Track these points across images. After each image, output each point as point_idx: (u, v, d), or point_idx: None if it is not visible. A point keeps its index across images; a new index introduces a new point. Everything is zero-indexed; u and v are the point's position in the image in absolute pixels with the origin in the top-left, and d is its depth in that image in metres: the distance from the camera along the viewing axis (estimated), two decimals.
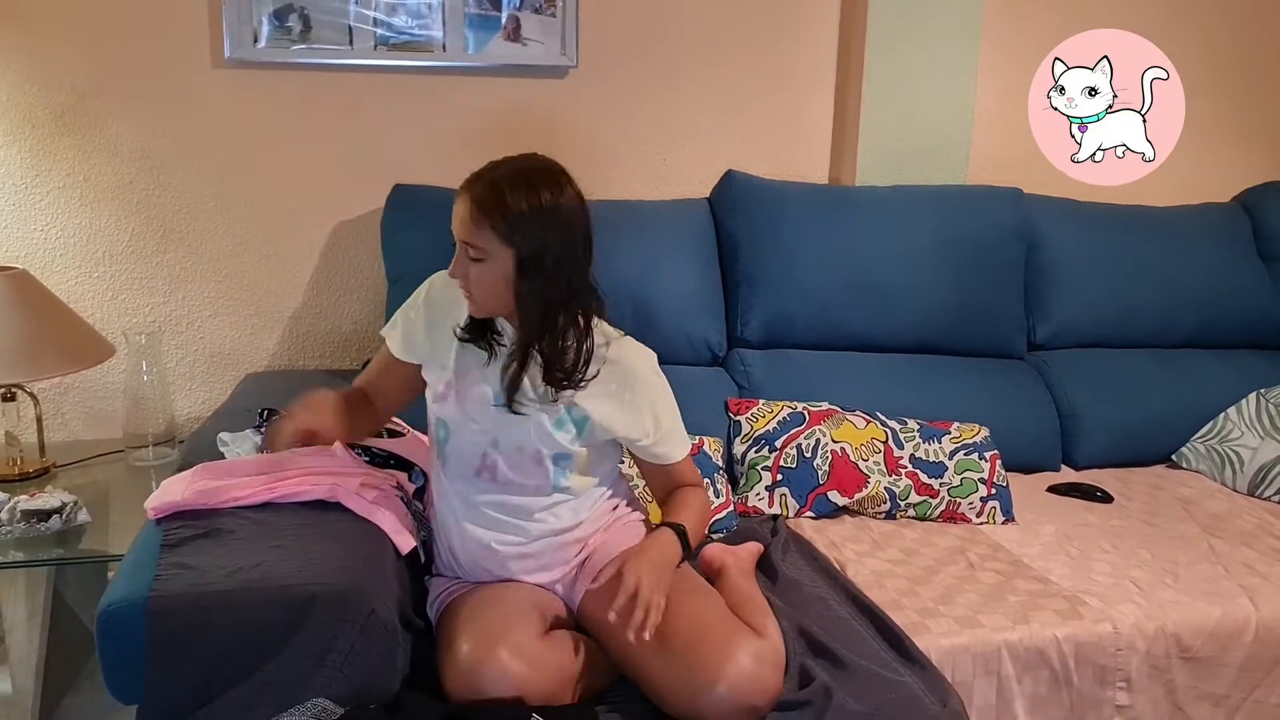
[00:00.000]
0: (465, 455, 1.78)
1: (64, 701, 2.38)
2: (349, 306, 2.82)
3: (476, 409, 1.76)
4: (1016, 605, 2.02)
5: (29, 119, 2.55)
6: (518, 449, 1.76)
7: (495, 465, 1.78)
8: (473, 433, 1.77)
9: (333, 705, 1.47)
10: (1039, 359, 2.90)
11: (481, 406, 1.76)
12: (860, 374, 2.69)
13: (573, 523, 1.83)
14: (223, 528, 1.67)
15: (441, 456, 1.81)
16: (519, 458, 1.77)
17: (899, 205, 2.81)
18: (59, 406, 2.68)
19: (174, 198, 2.67)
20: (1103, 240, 2.90)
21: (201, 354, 2.76)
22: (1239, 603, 2.08)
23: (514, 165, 1.70)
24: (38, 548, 2.07)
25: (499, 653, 1.56)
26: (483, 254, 1.66)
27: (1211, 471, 2.77)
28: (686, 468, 1.91)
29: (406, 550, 1.71)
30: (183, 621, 1.46)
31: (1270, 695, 2.07)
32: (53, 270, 2.61)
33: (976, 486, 2.43)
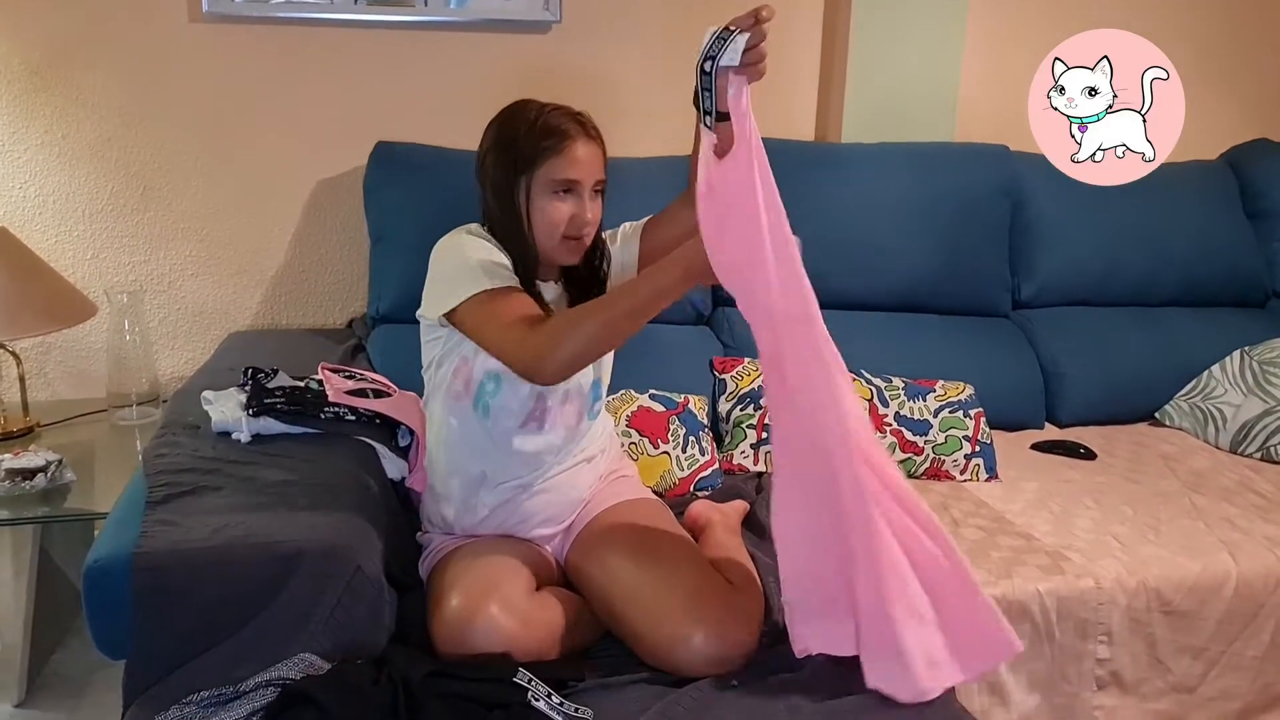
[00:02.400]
0: (513, 406, 1.78)
1: (53, 657, 2.39)
2: (332, 265, 2.80)
3: None
4: (1000, 561, 2.04)
5: (4, 75, 2.51)
6: (564, 394, 1.80)
7: (545, 410, 1.80)
8: (522, 386, 1.76)
9: (319, 660, 1.47)
10: (1023, 317, 2.91)
11: None
12: (845, 332, 2.62)
13: (596, 450, 1.91)
14: (207, 485, 1.67)
15: (484, 410, 1.79)
16: (566, 398, 1.81)
17: (885, 162, 2.80)
18: (41, 366, 2.66)
19: (153, 155, 2.64)
20: (1089, 198, 2.88)
21: (184, 313, 2.74)
22: (1219, 558, 2.10)
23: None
24: (23, 506, 2.07)
25: (489, 608, 1.57)
26: (604, 187, 1.78)
27: (1194, 429, 2.79)
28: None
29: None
30: (168, 578, 1.46)
31: (1248, 647, 2.10)
32: (32, 229, 2.59)
33: (961, 444, 2.45)
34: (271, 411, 1.89)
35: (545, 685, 1.48)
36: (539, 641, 1.61)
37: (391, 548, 1.70)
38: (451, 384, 1.80)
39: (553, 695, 1.46)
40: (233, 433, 1.87)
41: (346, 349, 2.49)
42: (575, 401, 1.84)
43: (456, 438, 1.83)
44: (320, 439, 1.90)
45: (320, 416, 1.93)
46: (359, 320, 2.73)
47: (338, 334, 2.71)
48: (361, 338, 2.59)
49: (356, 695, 1.38)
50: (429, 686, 1.43)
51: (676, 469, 2.27)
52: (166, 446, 1.83)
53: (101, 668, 2.28)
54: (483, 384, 1.78)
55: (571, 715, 1.45)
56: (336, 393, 2.00)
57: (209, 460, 1.76)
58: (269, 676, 1.42)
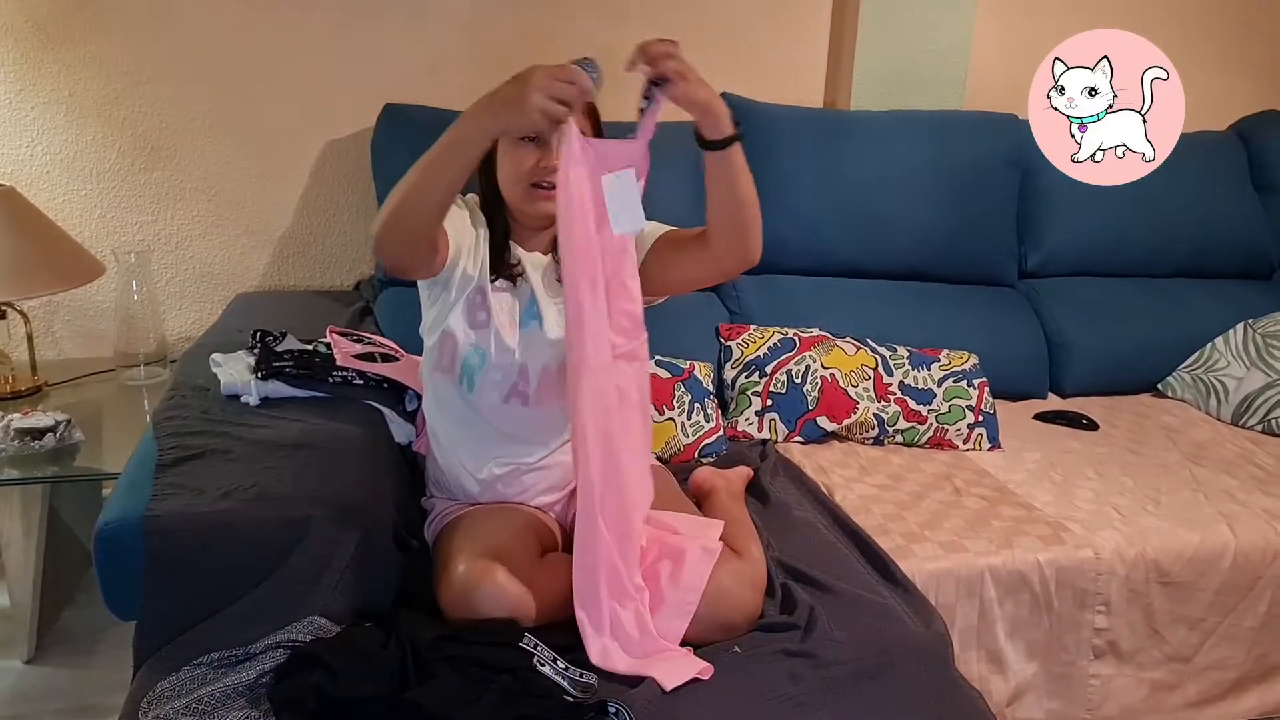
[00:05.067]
0: (496, 381, 1.77)
1: (62, 615, 2.42)
2: (339, 227, 2.80)
3: (511, 334, 1.75)
4: (1000, 530, 2.05)
5: (10, 32, 2.50)
6: (544, 368, 1.77)
7: (527, 387, 1.77)
8: (506, 358, 1.75)
9: (328, 622, 1.49)
10: (1029, 286, 2.91)
11: (513, 330, 1.76)
12: (851, 300, 2.70)
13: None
14: (217, 448, 1.69)
15: (469, 383, 1.78)
16: (548, 374, 1.77)
17: (894, 130, 2.79)
18: (49, 325, 2.67)
19: (161, 114, 2.63)
20: None
21: (191, 273, 2.75)
22: (1218, 529, 2.12)
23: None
24: (32, 465, 2.08)
25: (495, 573, 1.58)
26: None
27: (1197, 400, 2.80)
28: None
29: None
30: (179, 541, 1.48)
31: (1244, 619, 2.12)
32: (40, 188, 2.59)
33: (964, 413, 2.46)
34: (280, 375, 1.91)
35: (550, 650, 1.50)
36: (545, 606, 1.62)
37: (400, 512, 1.72)
38: (439, 359, 1.79)
39: (558, 660, 1.49)
40: (241, 395, 1.88)
41: (354, 311, 2.50)
42: (559, 378, 1.77)
43: (447, 411, 1.83)
44: (328, 403, 1.91)
45: (329, 380, 1.94)
46: (366, 283, 2.74)
47: (345, 296, 2.72)
48: (369, 300, 2.59)
49: (365, 658, 1.40)
50: (436, 650, 1.45)
51: (681, 435, 2.28)
52: (176, 409, 1.84)
53: (110, 625, 2.31)
54: (468, 357, 1.76)
55: (576, 680, 1.47)
56: (344, 356, 2.01)
57: (218, 423, 1.78)
58: (279, 639, 1.44)
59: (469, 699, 1.37)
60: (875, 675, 1.54)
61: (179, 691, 1.38)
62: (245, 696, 1.38)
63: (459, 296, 1.73)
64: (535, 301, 1.76)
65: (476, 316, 1.75)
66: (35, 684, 2.21)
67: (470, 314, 1.75)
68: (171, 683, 1.39)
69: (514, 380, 1.77)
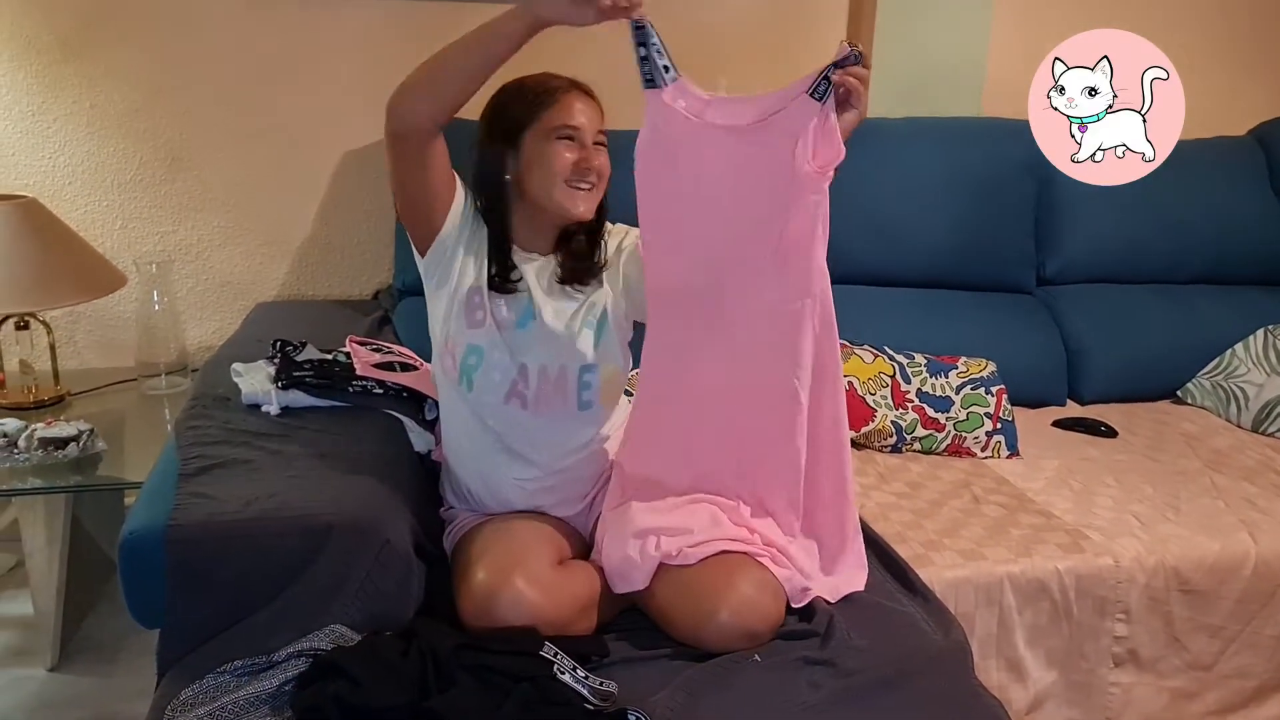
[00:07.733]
0: (495, 381, 1.77)
1: (85, 623, 2.44)
2: (358, 236, 2.81)
3: (508, 333, 1.76)
4: (1019, 538, 2.05)
5: (33, 45, 2.53)
6: (542, 369, 1.76)
7: (525, 389, 1.77)
8: (503, 357, 1.76)
9: (350, 631, 1.50)
10: (1047, 294, 2.90)
11: (510, 330, 1.76)
12: (868, 308, 2.69)
13: (605, 436, 1.86)
14: (239, 458, 1.70)
15: (468, 383, 1.78)
16: (546, 377, 1.77)
17: (911, 138, 2.79)
18: (71, 335, 2.70)
19: (181, 126, 2.65)
20: None
21: (211, 283, 2.77)
22: (1238, 537, 2.11)
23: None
24: (55, 474, 2.10)
25: (514, 581, 1.59)
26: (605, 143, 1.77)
27: (1216, 407, 2.78)
28: None
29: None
30: (202, 551, 1.49)
31: (1266, 626, 2.11)
32: (62, 199, 2.61)
33: (982, 421, 2.45)
34: (300, 385, 1.92)
35: (570, 659, 1.50)
36: (564, 613, 1.63)
37: (420, 520, 1.73)
38: (441, 359, 1.80)
39: (578, 669, 1.49)
40: (262, 405, 1.89)
41: (373, 320, 2.51)
42: (559, 382, 1.77)
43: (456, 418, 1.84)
44: (349, 412, 1.92)
45: (349, 390, 1.95)
46: (385, 292, 2.75)
47: (364, 305, 2.73)
48: (388, 309, 2.61)
49: (386, 667, 1.41)
50: (457, 659, 1.45)
51: None
52: (198, 418, 1.86)
53: (132, 633, 2.32)
54: (466, 356, 1.76)
55: (596, 688, 1.47)
56: (364, 366, 2.02)
57: (240, 433, 1.79)
58: (301, 647, 1.45)
59: (489, 707, 1.38)
60: (895, 683, 1.53)
61: (202, 699, 1.39)
62: (268, 704, 1.39)
63: (458, 291, 1.76)
64: (533, 300, 1.78)
65: (474, 316, 1.76)
66: (59, 692, 2.23)
67: (469, 314, 1.76)
68: (195, 690, 1.40)
69: (513, 379, 1.77)
